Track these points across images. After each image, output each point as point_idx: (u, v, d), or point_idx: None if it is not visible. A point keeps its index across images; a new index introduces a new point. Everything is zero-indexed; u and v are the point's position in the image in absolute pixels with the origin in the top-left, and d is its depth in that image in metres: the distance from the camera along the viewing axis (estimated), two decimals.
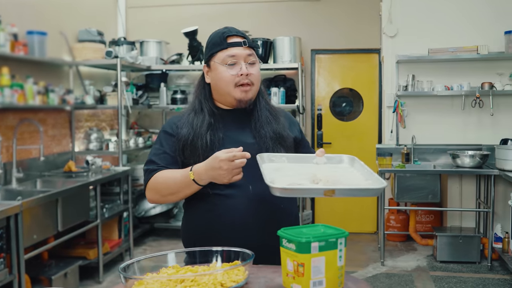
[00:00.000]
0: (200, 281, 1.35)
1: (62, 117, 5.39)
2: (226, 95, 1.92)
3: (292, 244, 1.36)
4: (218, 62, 1.90)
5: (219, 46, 1.91)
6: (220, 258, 1.51)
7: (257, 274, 1.49)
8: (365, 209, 6.71)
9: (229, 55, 1.88)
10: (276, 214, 1.88)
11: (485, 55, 5.47)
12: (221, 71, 1.90)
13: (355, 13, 6.64)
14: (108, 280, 4.89)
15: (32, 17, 4.87)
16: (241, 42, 1.90)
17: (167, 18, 6.88)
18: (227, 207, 1.85)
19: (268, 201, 1.85)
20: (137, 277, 1.35)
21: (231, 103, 1.94)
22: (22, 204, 3.60)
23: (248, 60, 1.90)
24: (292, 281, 1.37)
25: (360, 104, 6.81)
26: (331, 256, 1.36)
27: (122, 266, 1.37)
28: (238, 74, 1.88)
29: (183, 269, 1.47)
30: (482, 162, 5.24)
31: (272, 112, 2.00)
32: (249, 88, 1.90)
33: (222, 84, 1.91)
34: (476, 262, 5.25)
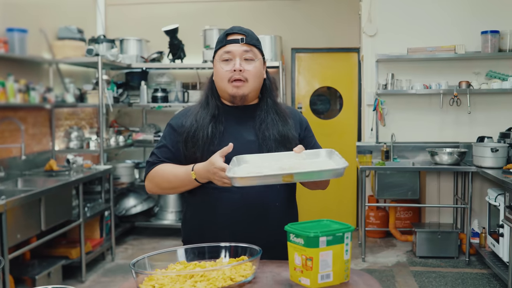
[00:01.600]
0: (209, 276, 1.37)
1: (42, 116, 5.33)
2: (222, 90, 1.96)
3: (300, 239, 1.39)
4: (217, 59, 1.96)
5: (219, 44, 1.97)
6: (228, 254, 1.53)
7: (263, 269, 1.51)
8: (345, 206, 6.80)
9: (225, 51, 1.93)
10: (271, 212, 1.91)
11: (462, 55, 5.59)
12: (218, 67, 1.95)
13: (335, 12, 6.71)
14: (91, 280, 4.86)
15: (11, 14, 4.80)
16: (239, 39, 1.93)
17: (147, 16, 6.85)
18: (223, 202, 1.89)
19: (264, 199, 1.89)
20: (149, 273, 1.37)
21: (228, 98, 1.98)
22: (6, 203, 3.56)
23: (244, 56, 1.92)
24: (300, 275, 1.40)
25: (339, 103, 6.89)
26: (338, 250, 1.40)
27: (133, 261, 1.39)
28: (231, 70, 1.91)
29: (190, 265, 1.48)
30: (459, 159, 5.36)
31: (279, 113, 2.00)
32: (241, 83, 1.92)
33: (218, 79, 1.96)
34: (454, 257, 5.37)
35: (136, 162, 6.65)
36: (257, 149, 1.89)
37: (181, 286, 1.33)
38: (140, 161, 6.77)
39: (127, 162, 6.55)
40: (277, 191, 1.93)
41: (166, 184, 1.94)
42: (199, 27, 6.36)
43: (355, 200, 6.79)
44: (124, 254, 5.70)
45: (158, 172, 1.95)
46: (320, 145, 2.09)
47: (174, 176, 1.91)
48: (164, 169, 1.95)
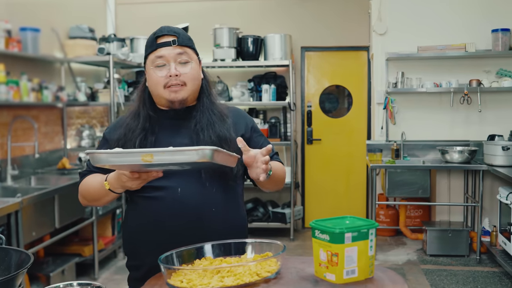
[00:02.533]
0: (235, 271, 1.39)
1: (54, 114, 5.37)
2: (159, 97, 1.85)
3: (325, 235, 1.40)
4: (148, 65, 1.84)
5: (149, 48, 1.85)
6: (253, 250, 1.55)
7: (286, 265, 1.53)
8: (355, 204, 6.81)
9: (157, 56, 1.81)
10: (206, 217, 1.80)
11: (473, 53, 5.58)
12: (151, 74, 1.83)
13: (345, 11, 6.71)
14: (103, 277, 4.89)
15: (24, 13, 4.84)
16: (170, 41, 1.81)
17: (157, 14, 6.87)
18: (156, 209, 1.81)
19: (198, 204, 1.79)
20: (177, 268, 1.39)
21: (165, 104, 1.87)
22: (22, 201, 3.60)
23: (178, 59, 1.82)
24: (325, 270, 1.42)
25: (349, 101, 6.90)
26: (363, 246, 1.42)
27: (161, 257, 1.41)
28: (167, 76, 1.80)
29: (216, 261, 1.50)
30: (470, 157, 5.36)
31: (216, 113, 1.90)
32: (179, 88, 1.82)
33: (152, 86, 1.85)
34: (465, 255, 5.37)
35: None
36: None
37: (209, 281, 1.35)
38: None
39: None
40: (213, 195, 1.82)
41: (89, 196, 1.87)
42: (208, 26, 6.38)
43: (365, 199, 6.80)
44: None
45: (83, 185, 1.89)
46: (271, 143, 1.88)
47: (93, 188, 1.84)
48: (88, 181, 1.87)
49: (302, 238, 6.36)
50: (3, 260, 1.51)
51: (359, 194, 6.85)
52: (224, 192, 1.85)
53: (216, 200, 1.82)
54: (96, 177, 1.85)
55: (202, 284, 1.34)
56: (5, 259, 1.52)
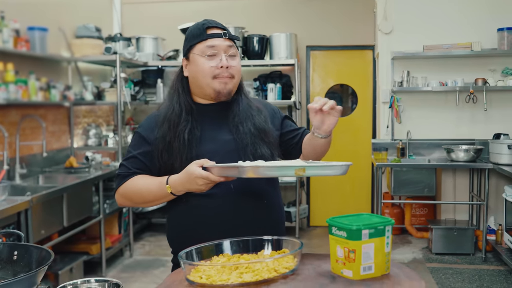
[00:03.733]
0: (253, 267, 1.41)
1: (61, 113, 5.39)
2: (205, 87, 1.86)
3: (343, 232, 1.42)
4: (197, 54, 1.84)
5: (198, 38, 1.85)
6: (270, 246, 1.57)
7: (303, 262, 1.55)
8: (360, 203, 6.82)
9: (208, 46, 1.82)
10: (260, 210, 1.86)
11: (478, 52, 5.59)
12: (200, 63, 1.83)
13: (350, 10, 6.73)
14: (111, 275, 4.92)
15: (31, 13, 4.86)
16: (221, 33, 1.84)
17: (162, 14, 6.90)
18: (210, 207, 1.81)
19: (250, 198, 1.84)
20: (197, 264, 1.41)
21: (210, 95, 1.87)
22: (32, 199, 3.62)
23: (228, 52, 1.84)
24: (342, 266, 1.43)
25: (354, 100, 6.91)
26: (380, 242, 1.43)
27: (182, 253, 1.43)
28: (217, 66, 1.82)
29: (234, 257, 1.52)
30: (476, 156, 5.37)
31: (252, 106, 1.94)
32: (229, 80, 1.85)
33: (200, 75, 1.84)
34: (471, 253, 5.38)
35: None
36: (234, 147, 1.84)
37: (228, 277, 1.37)
38: None
39: None
40: (264, 189, 1.88)
41: (139, 199, 1.85)
42: None
43: (370, 197, 6.81)
44: (141, 250, 5.76)
45: (130, 186, 1.85)
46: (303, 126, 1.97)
47: (147, 190, 1.82)
48: (137, 182, 1.85)
49: (307, 237, 6.38)
50: (23, 257, 1.53)
51: (364, 193, 6.86)
52: (273, 186, 1.93)
53: (267, 194, 1.88)
54: (148, 179, 1.84)
55: (222, 280, 1.36)
56: (24, 256, 1.54)
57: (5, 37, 4.15)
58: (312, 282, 1.39)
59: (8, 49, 4.19)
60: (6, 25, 4.18)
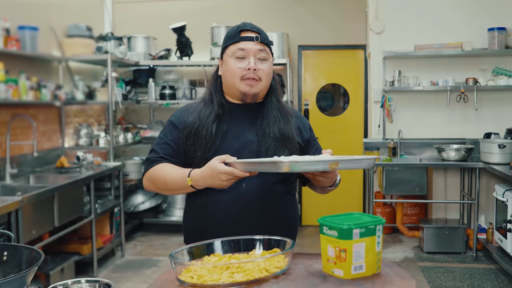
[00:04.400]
0: (244, 267, 1.41)
1: (52, 113, 5.37)
2: (232, 87, 1.93)
3: (334, 231, 1.42)
4: (229, 55, 1.92)
5: (232, 40, 1.93)
6: (261, 246, 1.57)
7: (294, 261, 1.55)
8: (352, 202, 6.84)
9: (239, 48, 1.90)
10: (269, 213, 1.89)
11: (469, 51, 5.62)
12: (230, 64, 1.91)
13: (342, 10, 6.74)
14: (102, 275, 4.90)
15: (22, 12, 4.83)
16: (253, 37, 1.90)
17: (154, 13, 6.88)
18: (220, 203, 1.87)
19: (261, 199, 1.88)
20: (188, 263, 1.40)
21: (237, 96, 1.94)
22: (22, 199, 3.60)
23: (258, 55, 1.90)
24: (333, 266, 1.44)
25: (346, 99, 6.93)
26: (370, 242, 1.44)
27: (173, 253, 1.42)
28: (245, 68, 1.88)
29: (225, 257, 1.52)
30: (466, 155, 5.39)
31: (282, 112, 1.98)
32: (255, 82, 1.90)
33: (229, 76, 1.92)
34: (462, 252, 5.41)
35: (144, 159, 6.68)
36: (256, 148, 1.90)
37: (219, 277, 1.37)
38: None
39: (135, 159, 6.59)
40: (275, 192, 1.92)
41: (163, 185, 1.92)
42: (206, 25, 6.39)
43: (361, 196, 6.83)
44: (133, 250, 5.74)
45: (156, 172, 1.93)
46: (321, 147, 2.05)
47: (171, 179, 1.88)
48: (163, 170, 1.92)
49: (299, 236, 6.35)
50: (13, 257, 1.53)
51: (356, 192, 6.88)
52: (285, 189, 1.96)
53: (276, 195, 1.92)
54: (174, 168, 1.91)
55: (213, 280, 1.36)
56: (15, 256, 1.54)
57: None
58: (303, 282, 1.39)
59: None
60: None
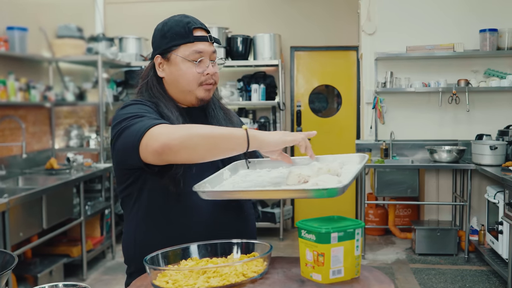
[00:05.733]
0: (221, 272, 1.38)
1: (43, 114, 5.33)
2: (187, 93, 1.73)
3: (312, 235, 1.40)
4: (181, 57, 1.69)
5: (184, 39, 1.69)
6: (239, 250, 1.54)
7: (273, 265, 1.52)
8: (344, 204, 6.82)
9: (196, 51, 1.69)
10: (238, 221, 1.77)
11: (461, 53, 5.61)
12: (185, 68, 1.70)
13: (334, 11, 6.73)
14: (92, 278, 4.87)
15: (11, 12, 4.80)
16: (207, 37, 1.72)
17: (146, 14, 6.85)
18: (191, 217, 1.68)
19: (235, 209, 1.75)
20: (163, 268, 1.38)
21: (191, 101, 1.75)
22: (9, 201, 3.57)
23: (213, 58, 1.73)
24: (311, 270, 1.41)
25: (338, 101, 6.92)
26: (349, 245, 1.41)
27: (148, 257, 1.40)
28: (204, 73, 1.70)
29: (202, 261, 1.50)
30: (458, 157, 5.39)
31: (225, 111, 1.86)
32: (211, 87, 1.74)
33: (183, 81, 1.71)
34: (454, 254, 5.40)
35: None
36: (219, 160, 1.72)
37: (195, 282, 1.34)
38: None
39: None
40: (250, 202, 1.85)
41: (202, 136, 1.47)
42: None
43: (354, 198, 6.81)
44: None
45: (184, 125, 1.54)
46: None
47: (213, 128, 1.52)
48: (191, 124, 1.58)
49: (291, 238, 6.37)
50: None
51: (349, 194, 6.86)
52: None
53: (246, 203, 1.81)
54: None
55: (188, 284, 1.33)
56: None
57: None
58: (280, 286, 1.37)
59: None
60: None
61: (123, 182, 1.72)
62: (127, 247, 1.77)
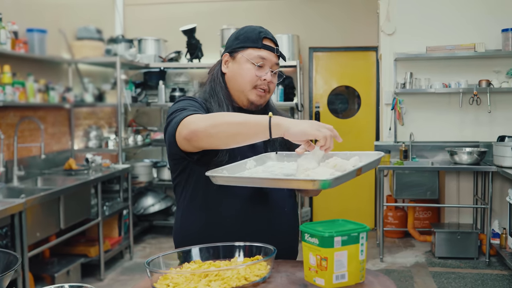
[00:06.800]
0: (223, 275, 1.37)
1: (62, 115, 5.39)
2: (240, 92, 1.85)
3: (315, 239, 1.38)
4: (246, 57, 1.83)
5: (253, 43, 1.84)
6: (242, 253, 1.53)
7: (277, 269, 1.51)
8: (363, 206, 6.76)
9: (260, 56, 1.82)
10: (279, 217, 1.84)
11: (482, 53, 5.51)
12: (246, 68, 1.83)
13: (353, 11, 6.68)
14: (109, 278, 4.90)
15: (31, 15, 4.86)
16: (274, 48, 1.86)
17: (165, 15, 6.89)
18: (230, 208, 1.79)
19: (270, 204, 1.83)
20: (163, 271, 1.37)
21: (242, 102, 1.87)
22: (26, 202, 3.60)
23: (274, 68, 1.85)
24: (314, 275, 1.39)
25: (357, 102, 6.85)
26: (353, 250, 1.39)
27: (148, 260, 1.39)
28: (261, 78, 1.82)
29: (205, 264, 1.48)
30: (479, 159, 5.29)
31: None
32: (264, 94, 1.85)
33: (241, 80, 1.84)
34: (474, 258, 5.30)
35: (154, 161, 6.69)
36: (263, 151, 1.85)
37: (196, 285, 1.33)
38: (158, 160, 6.80)
39: (145, 161, 6.59)
40: (286, 196, 1.88)
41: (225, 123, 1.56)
42: (216, 27, 6.37)
43: (373, 200, 6.75)
44: (142, 252, 5.74)
45: (213, 113, 1.65)
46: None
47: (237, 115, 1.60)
48: (220, 112, 1.70)
49: None
50: None
51: (368, 195, 6.80)
52: (292, 194, 1.94)
53: (289, 200, 1.89)
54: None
55: None
56: None
57: (2, 39, 4.14)
58: None
59: (5, 51, 4.17)
60: (4, 27, 4.17)
61: (174, 171, 1.88)
62: (175, 233, 1.92)
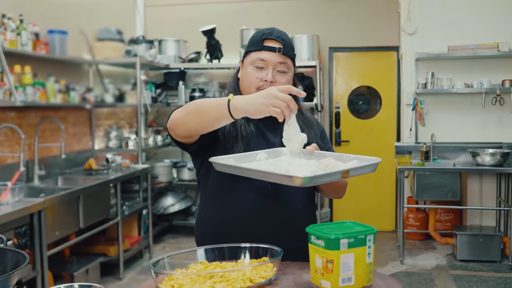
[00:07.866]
0: (229, 277, 1.36)
1: (82, 115, 5.45)
2: (247, 94, 1.82)
3: (321, 241, 1.36)
4: (248, 62, 1.86)
5: (255, 46, 1.86)
6: (249, 254, 1.52)
7: (284, 271, 1.49)
8: (384, 207, 6.69)
9: (259, 58, 1.83)
10: (294, 214, 1.84)
11: (506, 52, 5.41)
12: (248, 71, 1.85)
13: (373, 11, 6.61)
14: (128, 277, 4.93)
15: (52, 16, 4.92)
16: (276, 48, 1.83)
17: (185, 16, 6.91)
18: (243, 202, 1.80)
19: (287, 200, 1.82)
20: (168, 272, 1.36)
21: None
22: (45, 201, 3.65)
23: (277, 68, 1.83)
24: (321, 277, 1.37)
25: (378, 102, 6.79)
26: (360, 252, 1.36)
27: (153, 261, 1.39)
28: (262, 79, 1.82)
29: (211, 265, 1.48)
30: (503, 160, 5.19)
31: (305, 122, 1.93)
32: None
33: (246, 83, 1.87)
34: (497, 261, 5.21)
35: (174, 161, 6.72)
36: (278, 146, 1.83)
37: (200, 286, 1.32)
38: (178, 160, 6.83)
39: (165, 162, 6.62)
40: (300, 194, 1.86)
41: (194, 107, 1.65)
42: (236, 27, 6.38)
43: (394, 201, 6.67)
44: (161, 252, 5.76)
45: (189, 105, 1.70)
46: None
47: (207, 101, 1.65)
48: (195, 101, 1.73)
49: None
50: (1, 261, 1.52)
51: (388, 197, 6.73)
52: (307, 190, 1.90)
53: (302, 198, 1.87)
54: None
55: None
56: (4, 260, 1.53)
57: (24, 40, 4.20)
58: None
59: (26, 52, 4.23)
60: (25, 28, 4.23)
61: (195, 166, 1.96)
62: (196, 225, 1.97)
